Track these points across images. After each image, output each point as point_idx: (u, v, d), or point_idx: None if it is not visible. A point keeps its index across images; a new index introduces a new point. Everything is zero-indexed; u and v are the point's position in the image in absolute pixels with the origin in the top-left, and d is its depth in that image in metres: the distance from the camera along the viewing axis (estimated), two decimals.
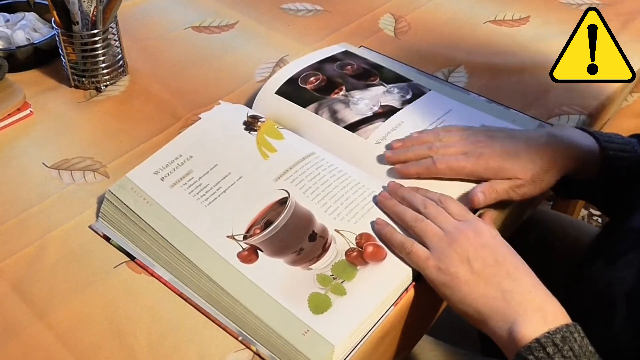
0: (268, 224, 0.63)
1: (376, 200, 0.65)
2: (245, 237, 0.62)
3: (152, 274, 0.61)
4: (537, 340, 0.51)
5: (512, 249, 0.58)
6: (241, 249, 0.61)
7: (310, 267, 0.60)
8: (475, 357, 0.78)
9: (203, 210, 0.64)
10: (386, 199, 0.65)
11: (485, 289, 0.55)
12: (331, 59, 0.83)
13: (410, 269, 0.60)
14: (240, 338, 0.56)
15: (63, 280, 0.61)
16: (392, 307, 0.59)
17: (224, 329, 0.57)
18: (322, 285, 0.58)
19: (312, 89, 0.78)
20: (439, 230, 0.60)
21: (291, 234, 0.62)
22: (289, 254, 0.61)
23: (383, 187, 0.67)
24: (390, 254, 0.61)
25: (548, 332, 0.51)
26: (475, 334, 0.87)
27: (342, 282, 0.58)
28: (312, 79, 0.80)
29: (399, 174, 0.68)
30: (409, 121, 0.74)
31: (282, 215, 0.63)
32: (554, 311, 0.53)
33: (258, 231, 0.62)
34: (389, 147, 0.71)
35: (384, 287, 0.59)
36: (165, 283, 0.61)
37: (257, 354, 0.55)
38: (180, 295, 0.60)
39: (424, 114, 0.75)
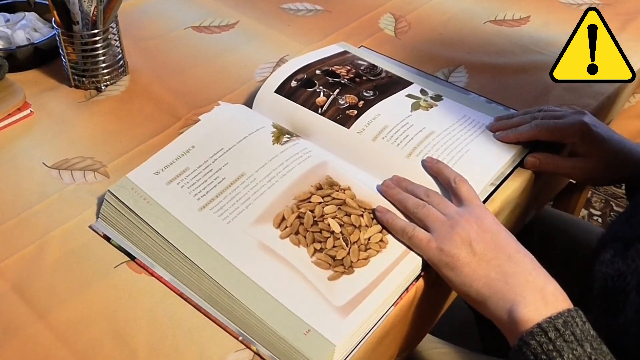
0: None
1: (379, 188, 0.65)
2: None
3: (152, 274, 0.61)
4: (539, 325, 0.51)
5: (513, 236, 0.59)
6: None
7: None
8: (476, 356, 0.78)
9: (203, 208, 0.64)
10: (389, 187, 0.65)
11: (486, 270, 0.56)
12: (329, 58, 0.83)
13: (410, 269, 0.60)
14: (240, 338, 0.56)
15: (63, 280, 0.61)
16: (392, 307, 0.59)
17: (224, 328, 0.57)
18: None
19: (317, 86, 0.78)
20: (441, 215, 0.60)
21: None
22: None
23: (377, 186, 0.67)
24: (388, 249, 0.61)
25: (549, 317, 0.51)
26: (476, 334, 0.87)
27: None
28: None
29: (502, 139, 0.72)
30: (387, 113, 0.74)
31: None
32: (554, 292, 0.54)
33: None
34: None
35: (386, 286, 0.59)
36: (165, 283, 0.61)
37: (257, 353, 0.55)
38: (181, 295, 0.60)
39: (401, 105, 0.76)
